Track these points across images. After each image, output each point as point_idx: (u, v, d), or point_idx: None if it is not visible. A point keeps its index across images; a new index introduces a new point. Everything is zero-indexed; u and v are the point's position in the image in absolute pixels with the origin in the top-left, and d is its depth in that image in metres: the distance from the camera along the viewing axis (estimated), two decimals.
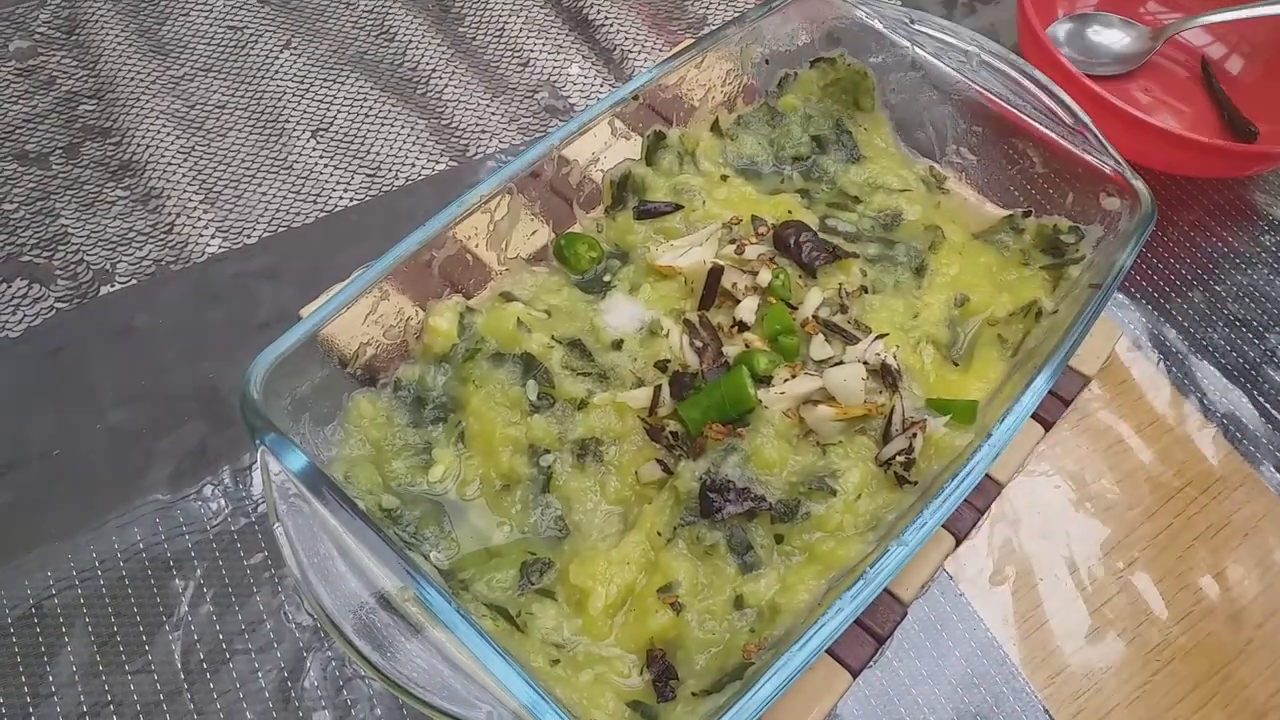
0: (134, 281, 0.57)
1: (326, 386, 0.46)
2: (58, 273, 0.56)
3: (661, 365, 0.49)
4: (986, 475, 0.52)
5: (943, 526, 0.50)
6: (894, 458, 0.46)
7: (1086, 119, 0.55)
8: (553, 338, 0.50)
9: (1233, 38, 0.74)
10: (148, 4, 0.69)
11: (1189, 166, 0.66)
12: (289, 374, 0.43)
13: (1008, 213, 0.57)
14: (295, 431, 0.43)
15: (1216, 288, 0.63)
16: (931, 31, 0.57)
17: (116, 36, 0.67)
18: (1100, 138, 0.54)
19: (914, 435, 0.46)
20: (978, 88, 0.57)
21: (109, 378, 0.53)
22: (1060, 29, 0.72)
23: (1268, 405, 0.57)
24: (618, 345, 0.51)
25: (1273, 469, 0.55)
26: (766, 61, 0.60)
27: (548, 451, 0.47)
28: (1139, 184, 0.52)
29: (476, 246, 0.52)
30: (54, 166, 0.61)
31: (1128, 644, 0.49)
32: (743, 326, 0.51)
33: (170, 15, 0.69)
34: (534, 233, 0.54)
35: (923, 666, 0.48)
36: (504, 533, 0.45)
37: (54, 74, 0.65)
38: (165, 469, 0.51)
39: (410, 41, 0.69)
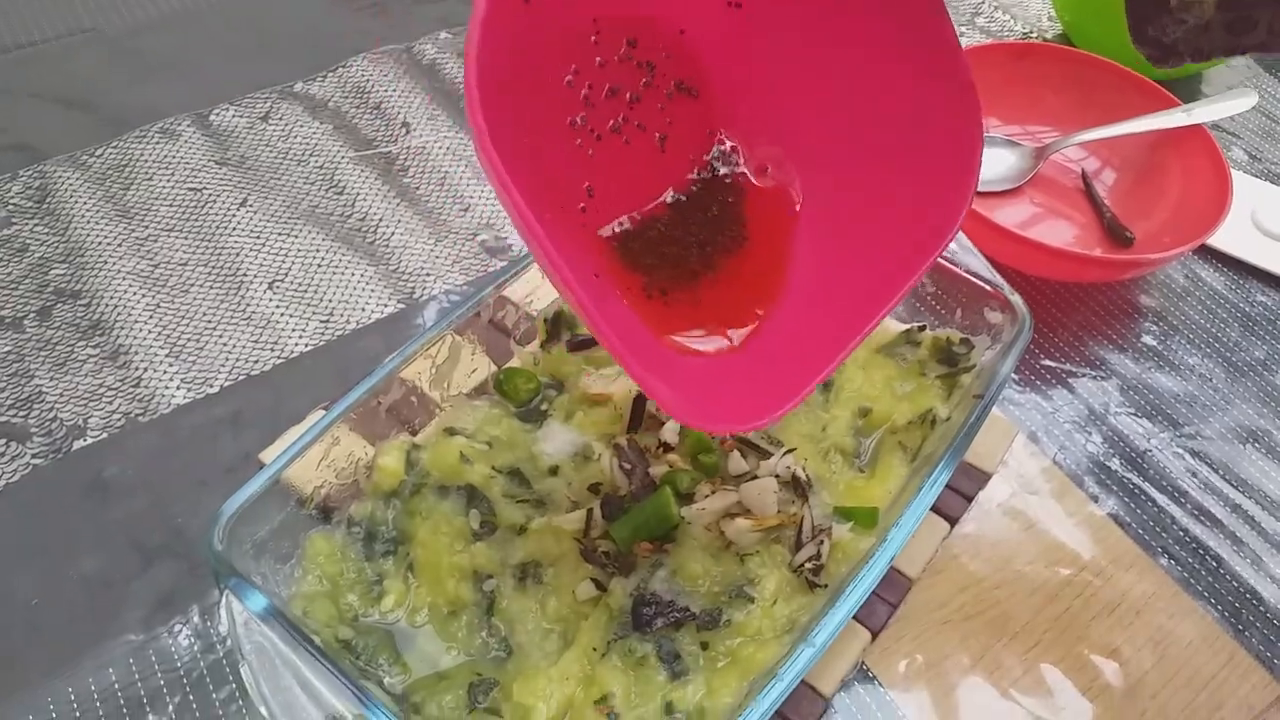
0: (105, 435, 0.61)
1: (285, 527, 0.50)
2: (33, 430, 0.61)
3: (594, 488, 0.54)
4: (898, 570, 0.57)
5: (858, 621, 0.55)
6: (805, 564, 0.51)
7: (967, 241, 0.61)
8: (493, 468, 0.55)
9: (1104, 152, 0.82)
10: (114, 171, 0.75)
11: (1072, 274, 0.73)
12: (250, 520, 0.47)
13: (905, 327, 0.63)
14: (256, 572, 0.47)
15: (1105, 382, 0.69)
16: None
17: (85, 203, 0.73)
18: (983, 260, 0.60)
19: (821, 542, 0.51)
20: None
21: (83, 528, 0.57)
22: None
23: (1154, 490, 0.63)
24: (554, 471, 0.56)
25: (1160, 549, 0.60)
26: None
27: (490, 576, 0.51)
28: (1015, 299, 0.58)
29: (422, 385, 0.57)
30: (28, 330, 0.65)
31: None
32: (667, 447, 0.56)
33: (135, 180, 0.75)
34: (474, 370, 0.60)
35: None
36: (452, 656, 0.49)
37: (27, 241, 0.70)
38: (138, 611, 0.54)
39: (359, 194, 0.75)
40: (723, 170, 0.40)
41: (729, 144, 0.41)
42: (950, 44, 0.40)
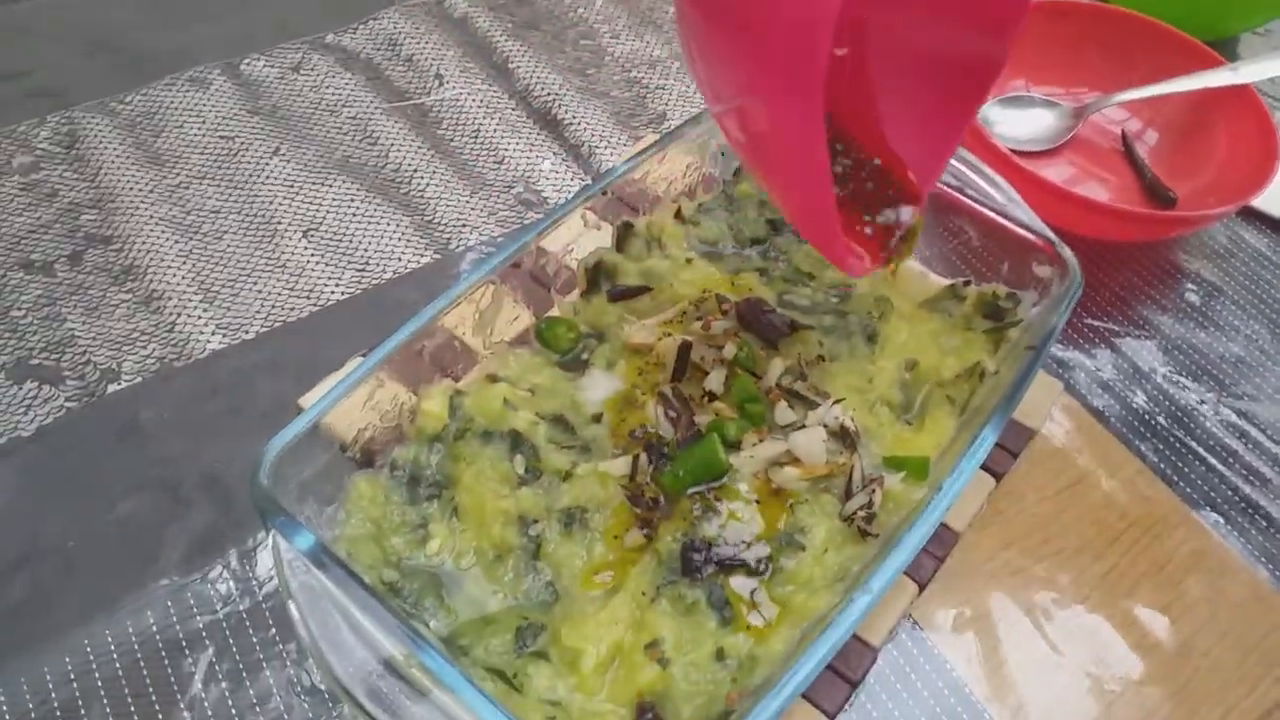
0: (139, 379, 0.60)
1: (328, 470, 0.49)
2: (66, 374, 0.60)
3: (638, 436, 0.53)
4: (944, 525, 0.56)
5: (906, 575, 0.54)
6: (856, 513, 0.50)
7: (1016, 195, 0.60)
8: (537, 414, 0.54)
9: (1147, 113, 0.80)
10: (143, 118, 0.74)
11: (1115, 232, 0.71)
12: (294, 460, 0.47)
13: (950, 282, 0.62)
14: (301, 514, 0.46)
15: (1149, 341, 0.68)
16: None
17: (114, 149, 0.72)
18: (1030, 212, 0.59)
19: (873, 491, 0.50)
20: None
21: (118, 471, 0.57)
22: (990, 111, 0.79)
23: (1199, 449, 0.62)
24: (597, 419, 0.55)
25: (1208, 508, 0.60)
26: (723, 153, 0.65)
27: (536, 521, 0.50)
28: (1066, 252, 0.57)
29: (463, 334, 0.56)
30: (59, 274, 0.64)
31: (1084, 677, 0.53)
32: (712, 396, 0.55)
33: (165, 128, 0.74)
34: (516, 318, 0.59)
35: (895, 708, 0.52)
36: (498, 600, 0.49)
37: (56, 187, 0.69)
38: (175, 555, 0.54)
39: (392, 144, 0.74)
40: None
41: None
42: None
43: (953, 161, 0.62)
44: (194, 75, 0.78)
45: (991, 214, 0.60)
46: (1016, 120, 0.79)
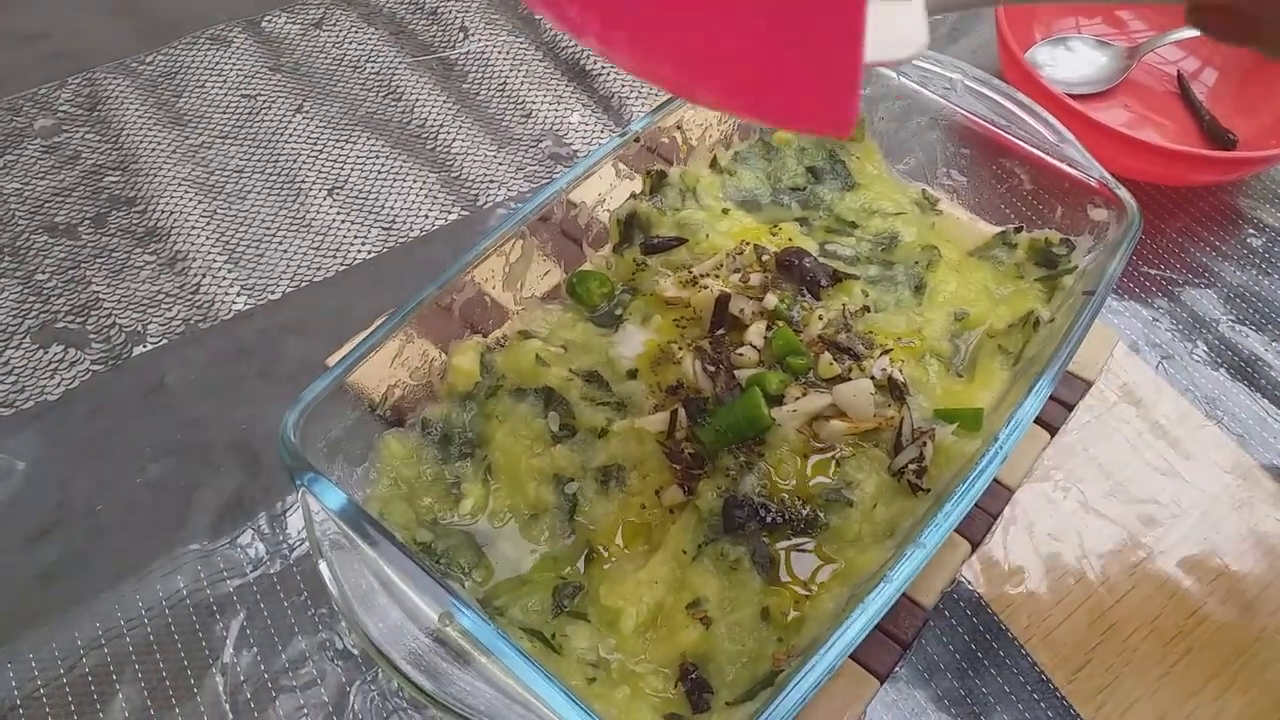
0: (165, 341, 0.59)
1: (357, 429, 0.48)
2: (91, 336, 0.59)
3: (675, 391, 0.51)
4: (997, 481, 0.54)
5: (958, 533, 0.52)
6: (906, 467, 0.48)
7: (1070, 135, 0.57)
8: (571, 371, 0.52)
9: (1205, 51, 0.77)
10: (164, 78, 0.73)
11: (1173, 177, 0.68)
12: (322, 418, 0.45)
13: (1000, 229, 0.59)
14: (331, 473, 0.45)
15: (1209, 289, 0.65)
16: (915, 61, 0.59)
17: (136, 110, 0.70)
18: (1084, 152, 0.57)
19: (924, 444, 0.48)
20: (963, 112, 0.59)
21: (146, 434, 0.55)
22: (1039, 52, 0.75)
23: (1265, 400, 0.59)
24: (633, 374, 0.53)
25: (1274, 460, 0.57)
26: None
27: (572, 479, 0.48)
28: (1123, 194, 0.54)
29: (493, 288, 0.54)
30: (83, 236, 0.63)
31: (1145, 638, 0.50)
32: (752, 349, 0.53)
33: (186, 88, 0.72)
34: (547, 273, 0.57)
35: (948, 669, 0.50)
36: (534, 559, 0.47)
37: (78, 149, 0.68)
38: (204, 518, 0.53)
39: (417, 100, 0.72)
40: None
41: None
42: None
43: (1001, 101, 0.59)
44: (215, 33, 0.76)
45: (1043, 155, 0.57)
46: (1066, 62, 0.75)
